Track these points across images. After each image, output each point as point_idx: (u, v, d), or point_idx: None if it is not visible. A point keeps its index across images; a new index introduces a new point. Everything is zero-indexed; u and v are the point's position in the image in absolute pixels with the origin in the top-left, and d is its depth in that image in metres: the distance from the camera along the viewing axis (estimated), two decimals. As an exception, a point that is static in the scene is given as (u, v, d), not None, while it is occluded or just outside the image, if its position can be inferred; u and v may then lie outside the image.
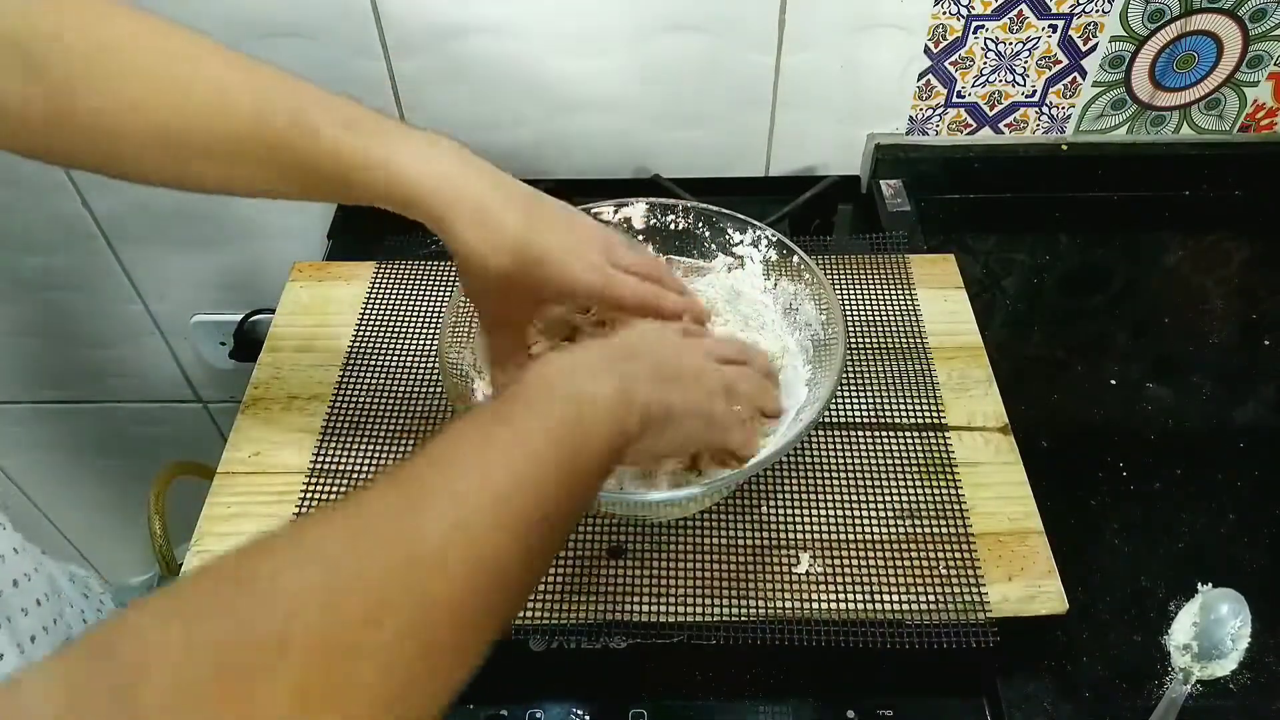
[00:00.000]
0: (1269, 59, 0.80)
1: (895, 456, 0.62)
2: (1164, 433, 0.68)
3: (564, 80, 0.80)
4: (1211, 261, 0.81)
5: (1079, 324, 0.76)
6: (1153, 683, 0.54)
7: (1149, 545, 0.61)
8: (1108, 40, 0.78)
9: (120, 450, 1.19)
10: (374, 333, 0.71)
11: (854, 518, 0.58)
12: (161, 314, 1.01)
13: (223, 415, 1.15)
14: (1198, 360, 0.73)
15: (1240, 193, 0.86)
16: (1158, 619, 0.57)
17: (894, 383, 0.66)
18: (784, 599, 0.55)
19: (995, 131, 0.85)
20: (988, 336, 0.69)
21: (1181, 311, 0.76)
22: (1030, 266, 0.81)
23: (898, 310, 0.71)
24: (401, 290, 0.74)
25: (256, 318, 0.92)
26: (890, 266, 0.75)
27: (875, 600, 0.54)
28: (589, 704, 0.55)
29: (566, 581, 0.56)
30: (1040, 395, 0.70)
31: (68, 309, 1.01)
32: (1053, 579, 0.55)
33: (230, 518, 0.60)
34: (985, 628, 0.53)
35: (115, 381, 1.10)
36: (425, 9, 0.76)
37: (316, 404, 0.66)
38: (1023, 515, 0.58)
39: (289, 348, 0.70)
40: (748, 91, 0.81)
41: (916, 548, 0.57)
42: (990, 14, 0.76)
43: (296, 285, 0.75)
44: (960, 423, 0.64)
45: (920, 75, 0.80)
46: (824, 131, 0.85)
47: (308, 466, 0.62)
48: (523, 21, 0.77)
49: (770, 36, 0.77)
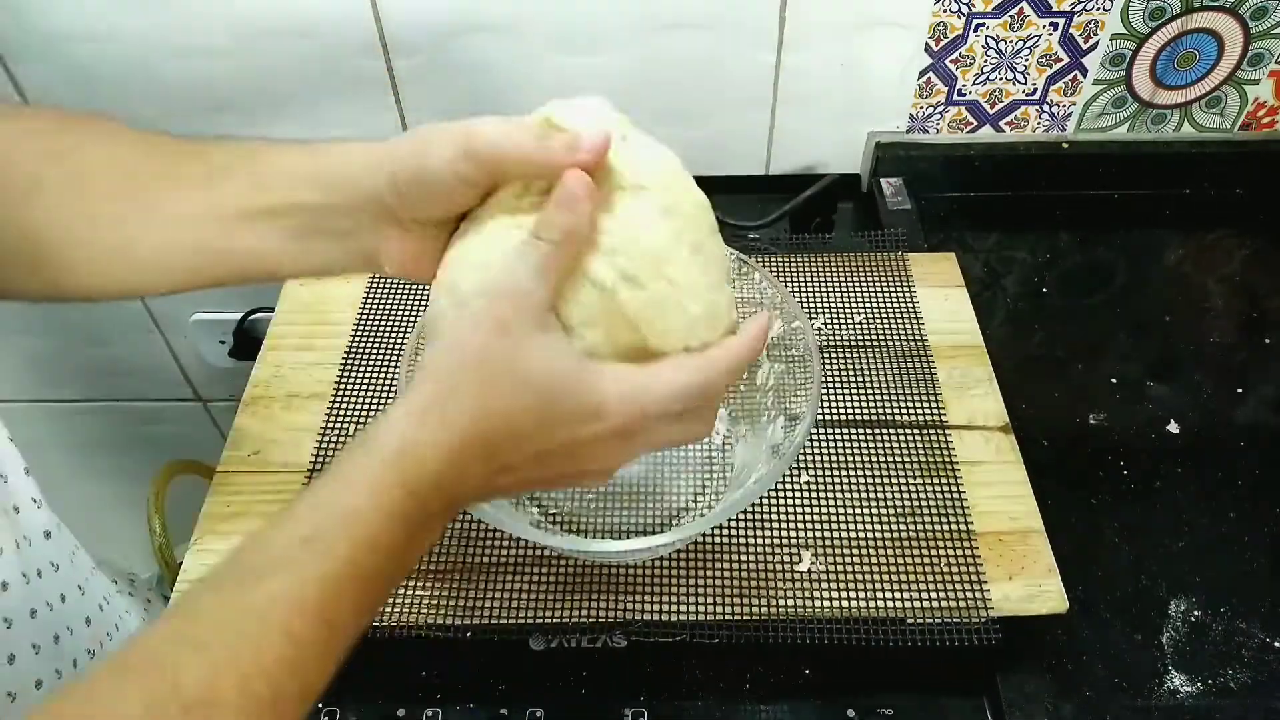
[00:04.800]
0: (1270, 57, 0.80)
1: (896, 455, 0.62)
2: (1164, 432, 0.68)
3: (564, 79, 0.79)
4: (1212, 260, 0.81)
5: (1080, 323, 0.76)
6: (1153, 682, 0.54)
7: (1149, 545, 0.61)
8: (1109, 38, 0.78)
9: (120, 449, 1.19)
10: (374, 331, 0.71)
11: (855, 516, 0.58)
12: (161, 312, 1.01)
13: (222, 414, 1.15)
14: (1198, 359, 0.73)
15: (1241, 191, 0.86)
16: (1158, 619, 0.57)
17: (894, 381, 0.66)
18: (785, 598, 0.55)
19: (996, 130, 0.85)
20: (988, 335, 0.69)
21: (1182, 310, 0.76)
22: (1031, 265, 0.81)
23: (898, 309, 0.71)
24: (401, 289, 0.74)
25: (256, 316, 0.92)
26: (890, 265, 0.75)
27: (876, 599, 0.54)
28: (589, 704, 0.55)
29: (566, 581, 0.56)
30: (1041, 394, 0.70)
31: (67, 307, 1.00)
32: (1053, 578, 0.55)
33: (230, 517, 0.60)
34: (986, 626, 0.53)
35: (115, 380, 1.09)
36: (425, 8, 0.76)
37: (316, 403, 0.66)
38: (1023, 514, 0.58)
39: (289, 346, 0.70)
40: (748, 89, 0.81)
41: (917, 546, 0.57)
42: (991, 12, 0.76)
43: (296, 283, 0.75)
44: (961, 422, 0.64)
45: (921, 73, 0.80)
46: (824, 129, 0.84)
47: (307, 465, 0.62)
48: (523, 20, 0.76)
49: (771, 34, 0.77)
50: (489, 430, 0.38)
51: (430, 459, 0.36)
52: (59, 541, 0.53)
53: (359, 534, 0.34)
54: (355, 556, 0.34)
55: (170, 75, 0.79)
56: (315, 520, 0.35)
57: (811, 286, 0.73)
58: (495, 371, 0.38)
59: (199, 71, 0.79)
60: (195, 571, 0.57)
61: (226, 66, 0.79)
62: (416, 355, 0.55)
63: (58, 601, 0.50)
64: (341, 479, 0.36)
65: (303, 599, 0.33)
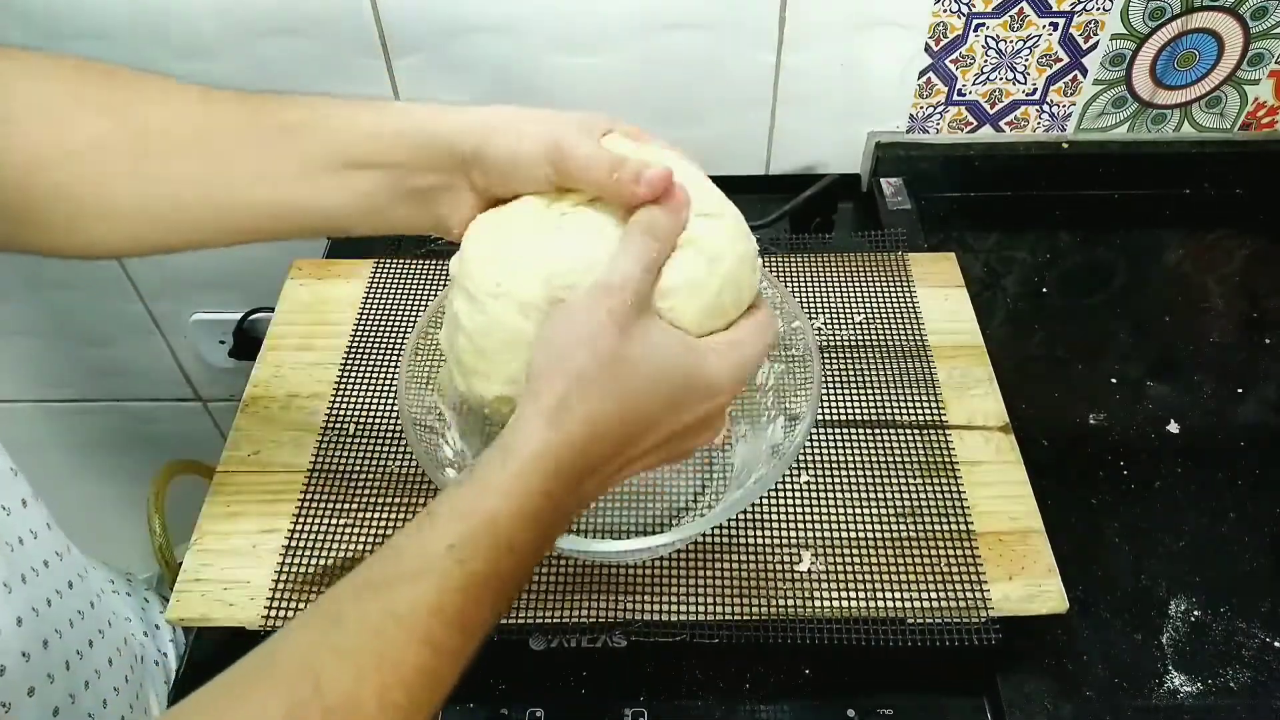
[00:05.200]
0: (1270, 57, 0.80)
1: (896, 455, 0.62)
2: (1164, 432, 0.68)
3: (564, 78, 0.79)
4: (1212, 260, 0.81)
5: (1080, 323, 0.76)
6: (1153, 682, 0.54)
7: (1149, 545, 0.61)
8: (1108, 38, 0.78)
9: (119, 449, 1.19)
10: (374, 331, 0.71)
11: (855, 516, 0.58)
12: (161, 312, 1.01)
13: (222, 414, 1.15)
14: (1198, 359, 0.73)
15: (1241, 191, 0.86)
16: (1158, 619, 0.57)
17: (894, 381, 0.66)
18: (785, 598, 0.55)
19: (996, 130, 0.85)
20: (988, 335, 0.69)
21: (1182, 310, 0.76)
22: (1031, 265, 0.81)
23: (898, 309, 0.71)
24: (401, 288, 0.74)
25: (256, 316, 0.92)
26: (891, 265, 0.75)
27: (876, 599, 0.54)
28: (589, 704, 0.55)
29: (566, 581, 0.56)
30: (1041, 394, 0.70)
31: (67, 307, 1.01)
32: (1053, 578, 0.55)
33: (230, 517, 0.60)
34: (986, 626, 0.53)
35: (114, 380, 1.09)
36: (425, 7, 0.76)
37: (316, 402, 0.66)
38: (1023, 514, 0.58)
39: (289, 346, 0.70)
40: (748, 89, 0.81)
41: (918, 546, 0.57)
42: (991, 12, 0.76)
43: (296, 283, 0.75)
44: (961, 422, 0.64)
45: (921, 73, 0.80)
46: (824, 129, 0.84)
47: (307, 465, 0.62)
48: (523, 19, 0.76)
49: (771, 34, 0.77)
50: (621, 422, 0.38)
51: (566, 459, 0.37)
52: (48, 541, 0.52)
53: (500, 539, 0.35)
54: (495, 562, 0.35)
55: (169, 75, 0.79)
56: (457, 528, 0.35)
57: (811, 286, 0.73)
58: (620, 362, 0.38)
59: (199, 71, 0.79)
60: (195, 571, 0.57)
61: (226, 66, 0.79)
62: (416, 355, 0.55)
63: (44, 607, 0.49)
64: (481, 484, 0.36)
65: (444, 606, 0.33)
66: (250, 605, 0.55)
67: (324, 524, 0.59)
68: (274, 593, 0.55)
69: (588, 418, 0.37)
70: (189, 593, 0.56)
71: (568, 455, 0.37)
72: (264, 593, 0.55)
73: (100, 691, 0.51)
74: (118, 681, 0.54)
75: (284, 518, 0.59)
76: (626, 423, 0.39)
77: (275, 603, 0.55)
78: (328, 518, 0.59)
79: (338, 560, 0.57)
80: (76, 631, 0.51)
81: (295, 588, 0.56)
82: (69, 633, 0.50)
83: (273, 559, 0.57)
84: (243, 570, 0.57)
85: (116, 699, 0.53)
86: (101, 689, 0.52)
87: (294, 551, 0.57)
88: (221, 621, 0.55)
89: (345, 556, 0.57)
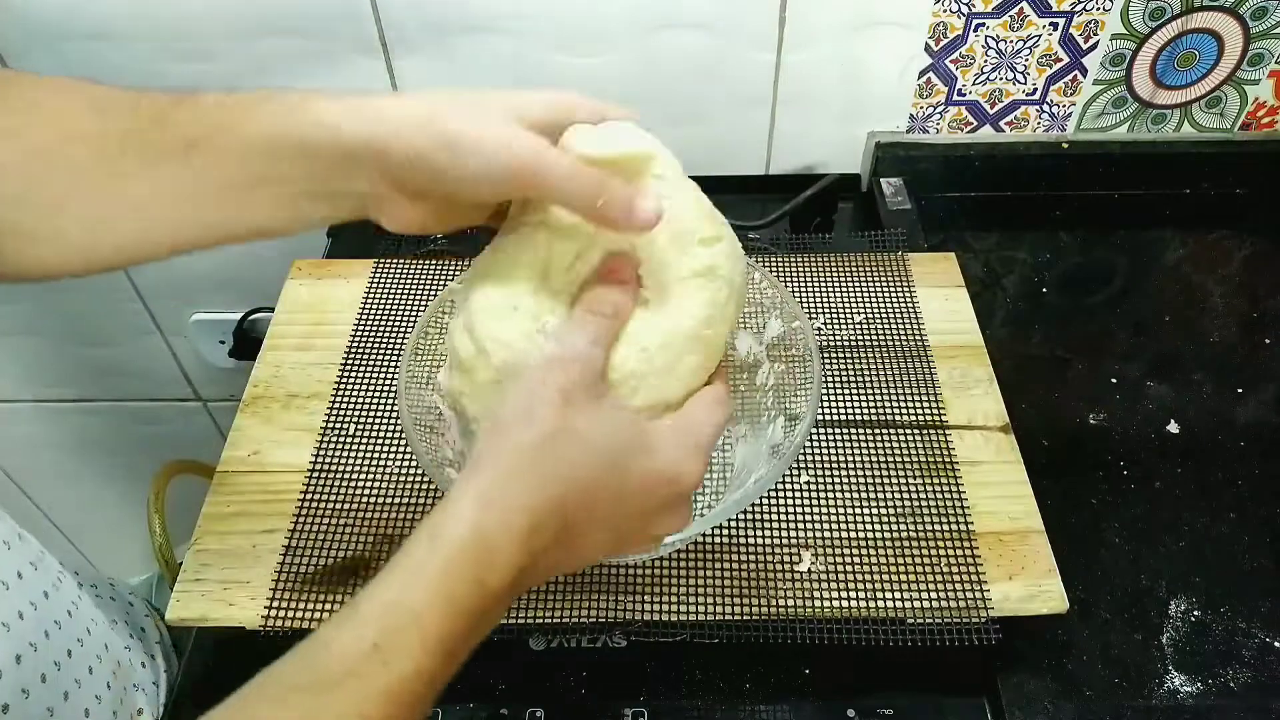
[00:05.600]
0: (1270, 57, 0.80)
1: (896, 455, 0.62)
2: (1164, 432, 0.68)
3: (563, 77, 0.79)
4: (1212, 260, 0.81)
5: (1080, 323, 0.76)
6: (1153, 682, 0.54)
7: (1149, 545, 0.61)
8: (1108, 38, 0.78)
9: (119, 449, 1.19)
10: (373, 331, 0.71)
11: (855, 516, 0.58)
12: (161, 312, 1.01)
13: (222, 414, 1.15)
14: (1198, 359, 0.73)
15: (1241, 191, 0.86)
16: (1158, 619, 0.57)
17: (894, 381, 0.66)
18: (785, 598, 0.54)
19: (996, 130, 0.85)
20: (988, 335, 0.69)
21: (1182, 310, 0.76)
22: (1031, 265, 0.81)
23: (898, 309, 0.71)
24: (401, 288, 0.74)
25: (256, 316, 0.92)
26: (890, 265, 0.75)
27: (876, 599, 0.54)
28: (589, 704, 0.55)
29: (566, 581, 0.56)
30: (1041, 394, 0.70)
31: (67, 307, 1.01)
32: (1053, 578, 0.55)
33: (230, 517, 0.60)
34: (986, 626, 0.53)
35: (114, 380, 1.09)
36: (425, 6, 0.76)
37: (316, 403, 0.66)
38: (1023, 514, 0.58)
39: (288, 346, 0.70)
40: (748, 89, 0.81)
41: (917, 546, 0.57)
42: (991, 12, 0.76)
43: (296, 283, 0.75)
44: (961, 421, 0.64)
45: (921, 73, 0.80)
46: (824, 129, 0.84)
47: (307, 465, 0.62)
48: (523, 18, 0.76)
49: (771, 34, 0.77)
50: (562, 507, 0.36)
51: (502, 547, 0.35)
52: (21, 552, 0.50)
53: (428, 635, 0.33)
54: (422, 661, 0.33)
55: (170, 75, 0.79)
56: (383, 624, 0.33)
57: (811, 286, 0.73)
58: (563, 434, 0.37)
59: (198, 72, 0.79)
60: (195, 571, 0.57)
61: (226, 66, 0.79)
62: (416, 355, 0.55)
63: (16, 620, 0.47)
64: (408, 574, 0.34)
65: (369, 716, 0.32)
66: (250, 605, 0.55)
67: (324, 524, 0.59)
68: (274, 593, 0.55)
69: (521, 504, 0.35)
70: (189, 593, 0.56)
71: (503, 540, 0.35)
72: (264, 593, 0.55)
73: (81, 701, 0.50)
74: (99, 690, 0.53)
75: (284, 518, 0.59)
76: (570, 502, 0.36)
77: (275, 603, 0.55)
78: (328, 518, 0.59)
79: (338, 560, 0.57)
80: (53, 642, 0.49)
81: (295, 588, 0.56)
82: (44, 644, 0.48)
83: (273, 559, 0.57)
84: (243, 570, 0.57)
85: (99, 707, 0.52)
86: (82, 699, 0.51)
87: (294, 551, 0.57)
88: (221, 622, 0.55)
89: (345, 556, 0.57)
